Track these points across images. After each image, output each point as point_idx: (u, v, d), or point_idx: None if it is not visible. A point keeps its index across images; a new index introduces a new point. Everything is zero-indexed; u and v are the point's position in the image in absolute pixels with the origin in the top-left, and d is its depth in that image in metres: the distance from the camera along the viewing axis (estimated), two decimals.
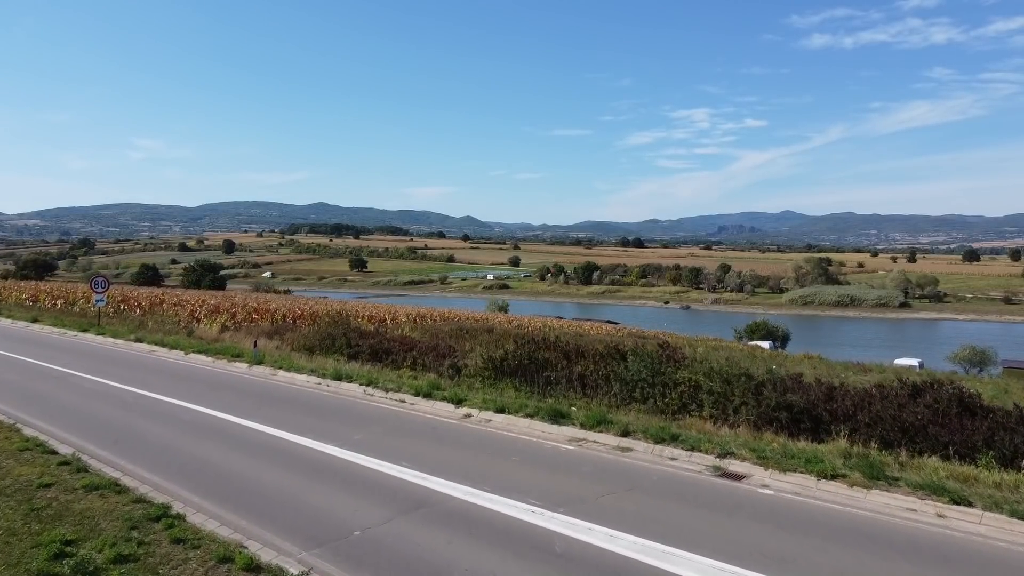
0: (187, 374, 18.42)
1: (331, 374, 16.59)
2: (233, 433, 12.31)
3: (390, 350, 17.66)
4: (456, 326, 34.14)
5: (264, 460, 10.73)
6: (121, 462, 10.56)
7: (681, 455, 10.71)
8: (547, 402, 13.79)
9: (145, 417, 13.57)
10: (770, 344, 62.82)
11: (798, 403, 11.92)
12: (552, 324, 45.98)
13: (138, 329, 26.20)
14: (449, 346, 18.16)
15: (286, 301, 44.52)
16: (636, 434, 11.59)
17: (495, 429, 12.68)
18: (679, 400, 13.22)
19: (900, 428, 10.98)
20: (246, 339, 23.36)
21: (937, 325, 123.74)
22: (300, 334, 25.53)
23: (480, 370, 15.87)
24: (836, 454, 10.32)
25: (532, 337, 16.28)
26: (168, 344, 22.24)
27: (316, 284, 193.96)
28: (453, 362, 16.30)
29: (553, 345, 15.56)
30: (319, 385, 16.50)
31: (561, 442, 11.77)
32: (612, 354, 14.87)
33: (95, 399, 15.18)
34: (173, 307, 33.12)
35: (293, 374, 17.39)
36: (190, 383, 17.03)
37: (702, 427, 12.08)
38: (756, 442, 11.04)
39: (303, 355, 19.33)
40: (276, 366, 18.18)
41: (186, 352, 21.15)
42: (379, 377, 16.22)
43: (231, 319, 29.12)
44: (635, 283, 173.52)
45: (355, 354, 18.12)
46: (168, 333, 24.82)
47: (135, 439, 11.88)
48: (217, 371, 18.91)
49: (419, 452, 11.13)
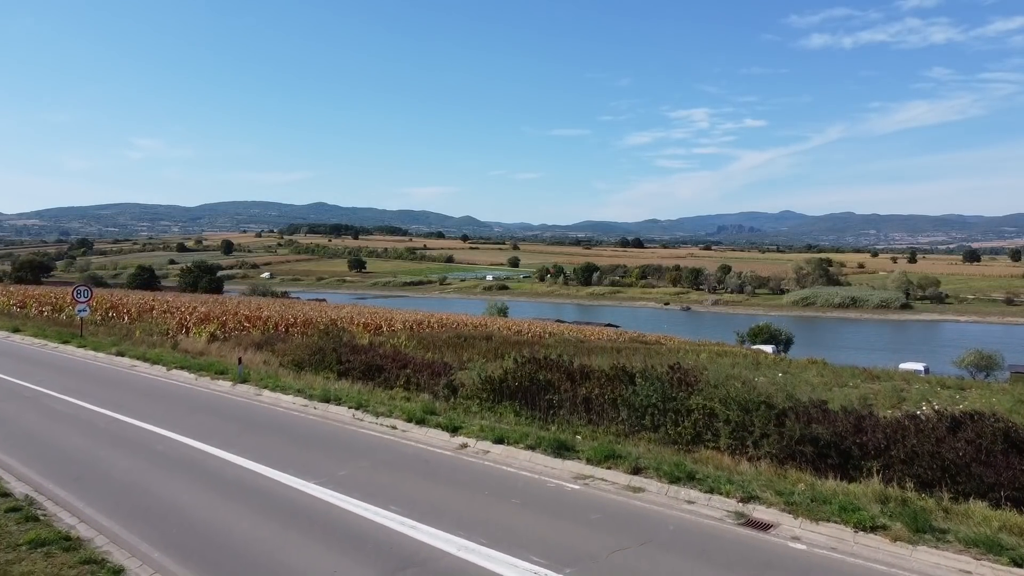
0: (166, 393, 17.38)
1: (319, 395, 15.54)
2: (208, 468, 11.27)
3: (383, 367, 16.63)
4: (454, 334, 33.13)
5: (239, 503, 9.70)
6: (79, 505, 9.54)
7: (699, 498, 9.68)
8: (550, 430, 12.76)
9: (115, 446, 12.54)
10: (773, 348, 61.91)
11: (824, 436, 10.90)
12: (552, 329, 44.98)
13: (122, 340, 25.14)
14: (445, 364, 17.12)
15: (280, 307, 43.45)
16: (648, 471, 10.56)
17: (493, 463, 11.64)
18: (693, 429, 12.20)
19: (939, 466, 9.96)
20: (234, 351, 22.33)
21: (939, 327, 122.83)
22: (292, 344, 24.52)
23: (477, 391, 14.83)
24: (871, 497, 9.30)
25: (533, 356, 15.23)
26: (150, 358, 21.19)
27: (315, 285, 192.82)
28: (449, 381, 15.26)
29: (556, 365, 14.51)
30: (306, 407, 15.46)
31: (566, 480, 10.74)
32: (619, 376, 13.81)
33: (64, 424, 14.15)
34: (163, 315, 32.09)
35: (279, 394, 16.35)
36: (168, 404, 15.99)
37: (719, 461, 11.06)
38: (781, 481, 10.02)
39: (291, 372, 18.29)
40: (261, 385, 17.13)
41: (168, 368, 20.11)
42: (370, 399, 15.17)
43: (221, 328, 28.09)
44: (635, 284, 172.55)
45: (346, 371, 17.07)
46: (152, 345, 23.75)
47: (99, 475, 10.85)
48: (199, 390, 17.86)
49: (410, 492, 10.10)
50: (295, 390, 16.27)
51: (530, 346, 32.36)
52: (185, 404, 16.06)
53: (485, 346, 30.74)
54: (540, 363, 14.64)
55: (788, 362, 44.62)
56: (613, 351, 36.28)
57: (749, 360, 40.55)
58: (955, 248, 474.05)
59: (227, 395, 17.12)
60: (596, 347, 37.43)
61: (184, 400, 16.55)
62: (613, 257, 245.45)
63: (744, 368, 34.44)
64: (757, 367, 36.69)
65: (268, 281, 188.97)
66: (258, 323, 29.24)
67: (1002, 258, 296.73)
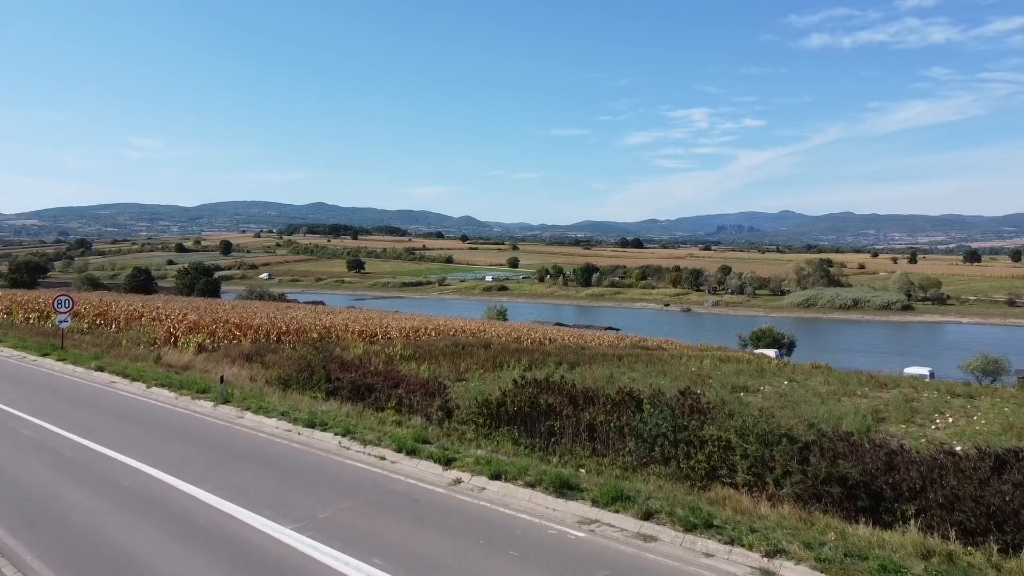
0: (143, 416, 16.34)
1: (304, 419, 14.52)
2: (176, 510, 10.26)
3: (373, 387, 15.59)
4: (451, 342, 32.14)
5: (206, 556, 8.68)
6: (28, 558, 8.55)
7: (718, 550, 8.68)
8: (551, 463, 11.77)
9: (78, 480, 11.53)
10: (776, 352, 60.98)
11: (853, 475, 9.92)
12: (552, 334, 43.98)
13: (105, 353, 24.10)
14: (439, 383, 16.08)
15: (274, 312, 42.44)
16: (660, 515, 9.57)
17: (489, 503, 10.63)
18: (707, 463, 11.21)
19: (984, 512, 8.98)
20: (220, 364, 21.33)
21: (941, 328, 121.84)
22: (281, 357, 23.53)
23: (474, 415, 13.83)
24: (911, 550, 8.32)
25: (535, 379, 14.22)
26: (131, 374, 20.17)
27: (313, 286, 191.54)
28: (443, 403, 14.24)
29: (558, 388, 13.49)
30: (289, 432, 14.43)
31: (569, 525, 9.74)
32: (625, 401, 12.79)
33: (28, 452, 13.14)
34: (151, 322, 31.09)
35: (262, 417, 15.32)
36: (143, 429, 14.96)
37: (738, 503, 10.07)
38: (807, 529, 9.04)
39: (277, 390, 17.27)
40: (244, 406, 16.11)
41: (148, 385, 19.09)
42: (358, 424, 14.15)
43: (210, 337, 27.09)
44: (635, 285, 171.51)
45: (335, 390, 16.04)
46: (135, 359, 22.69)
47: (56, 519, 9.84)
48: (178, 411, 16.83)
49: (396, 541, 9.11)
50: (279, 413, 15.26)
51: (530, 354, 31.40)
52: (161, 429, 15.03)
53: (483, 355, 29.75)
54: (541, 385, 13.63)
55: (792, 367, 43.69)
56: (615, 358, 35.34)
57: (753, 367, 39.56)
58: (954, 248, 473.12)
59: (207, 417, 16.11)
60: (597, 354, 36.45)
61: (160, 424, 15.53)
62: (613, 257, 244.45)
63: (749, 376, 33.51)
64: (762, 374, 35.74)
65: (266, 282, 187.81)
66: (249, 331, 28.24)
67: (1002, 258, 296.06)
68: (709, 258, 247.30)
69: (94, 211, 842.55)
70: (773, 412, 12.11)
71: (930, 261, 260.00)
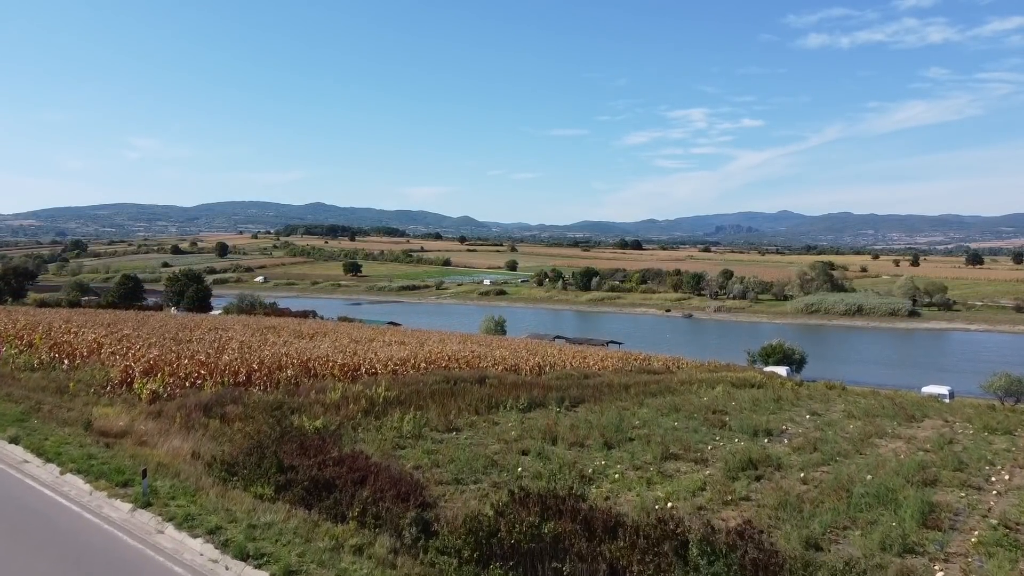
0: (33, 530, 12.71)
1: (236, 547, 11.39)
2: None
3: (333, 482, 12.52)
4: (442, 377, 29.29)
5: None
6: None
7: None
8: None
9: None
10: (787, 370, 58.36)
11: None
12: (552, 359, 41.15)
13: (35, 410, 20.19)
14: (415, 483, 13.07)
15: (252, 336, 39.58)
16: None
17: None
18: None
19: None
20: (167, 427, 18.28)
21: (949, 336, 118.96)
22: (244, 408, 20.68)
23: (458, 543, 10.60)
24: None
25: (539, 493, 11.17)
26: (47, 451, 16.59)
27: (309, 290, 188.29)
28: (419, 514, 11.18)
29: (569, 511, 10.40)
30: (215, 566, 11.21)
31: None
32: (662, 539, 9.71)
33: None
34: (111, 356, 28.16)
35: (184, 535, 12.14)
36: (23, 560, 11.54)
37: None
38: None
39: (218, 482, 13.91)
40: (169, 513, 12.90)
41: (63, 470, 15.30)
42: (304, 556, 11.00)
43: (171, 377, 24.17)
44: (635, 289, 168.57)
45: (287, 484, 12.89)
46: (63, 423, 18.99)
47: None
48: (84, 518, 13.19)
49: None
50: (207, 531, 12.04)
51: (528, 389, 28.62)
52: (45, 558, 11.62)
53: (478, 392, 26.95)
54: (546, 504, 10.53)
55: (808, 390, 41.06)
56: (620, 389, 32.57)
57: (769, 395, 36.96)
58: (953, 248, 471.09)
59: (116, 533, 12.58)
60: (602, 383, 33.67)
61: (48, 547, 12.07)
62: (612, 259, 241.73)
63: (767, 410, 30.88)
64: (779, 405, 33.09)
65: (261, 286, 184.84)
66: (215, 372, 25.34)
67: (1004, 259, 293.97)
68: (709, 260, 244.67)
69: (92, 211, 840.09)
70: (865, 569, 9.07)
71: (932, 263, 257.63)
